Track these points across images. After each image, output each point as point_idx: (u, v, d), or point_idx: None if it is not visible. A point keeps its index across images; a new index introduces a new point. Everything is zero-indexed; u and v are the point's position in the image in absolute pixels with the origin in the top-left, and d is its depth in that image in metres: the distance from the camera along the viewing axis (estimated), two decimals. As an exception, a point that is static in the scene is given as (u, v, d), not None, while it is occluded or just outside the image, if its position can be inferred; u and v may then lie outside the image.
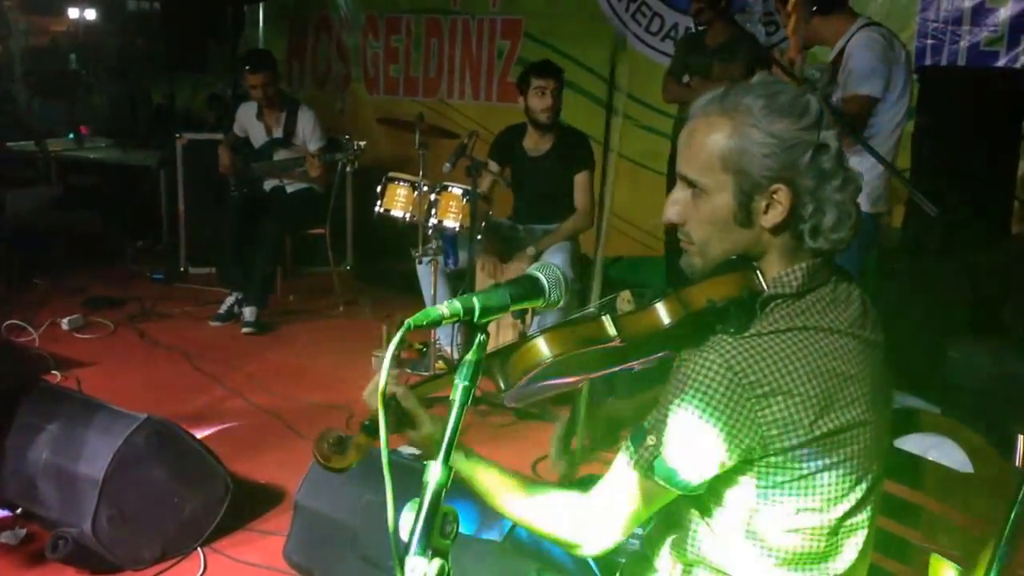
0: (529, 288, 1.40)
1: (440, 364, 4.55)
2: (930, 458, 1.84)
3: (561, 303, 1.42)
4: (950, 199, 3.60)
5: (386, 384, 1.28)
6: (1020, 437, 3.08)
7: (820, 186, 1.46)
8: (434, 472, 1.23)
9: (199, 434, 3.52)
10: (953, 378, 3.62)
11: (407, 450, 2.77)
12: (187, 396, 4.41)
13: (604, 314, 1.51)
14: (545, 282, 1.41)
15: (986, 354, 3.54)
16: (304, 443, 3.91)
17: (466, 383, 1.30)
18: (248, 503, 3.30)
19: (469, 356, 1.31)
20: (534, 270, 1.42)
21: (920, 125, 4.40)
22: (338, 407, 4.30)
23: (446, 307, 1.32)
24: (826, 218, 1.47)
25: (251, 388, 4.54)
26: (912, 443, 1.79)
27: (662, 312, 1.50)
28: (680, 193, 1.55)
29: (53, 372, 4.58)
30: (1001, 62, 4.83)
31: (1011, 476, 1.65)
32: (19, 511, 3.11)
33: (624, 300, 1.56)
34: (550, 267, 1.43)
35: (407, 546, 1.19)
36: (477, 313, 1.33)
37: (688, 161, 1.52)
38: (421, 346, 4.88)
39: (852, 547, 1.56)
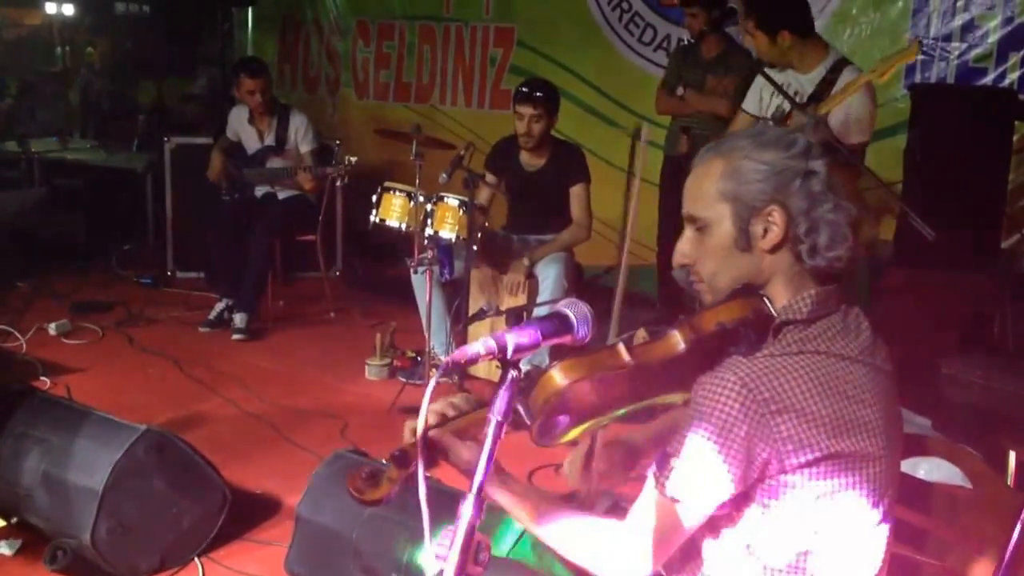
0: (558, 325, 1.45)
1: (433, 373, 4.56)
2: (920, 474, 1.88)
3: (588, 339, 1.45)
4: (941, 214, 3.64)
5: (425, 420, 1.36)
6: (1012, 453, 3.13)
7: (813, 208, 1.55)
8: (468, 504, 1.27)
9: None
10: (945, 393, 3.66)
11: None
12: (178, 403, 4.39)
13: (618, 342, 1.56)
14: (574, 319, 1.46)
15: (978, 370, 3.58)
16: (298, 452, 3.91)
17: (498, 418, 1.34)
18: (244, 513, 3.29)
19: (501, 391, 1.35)
20: (563, 307, 1.47)
21: (912, 141, 4.44)
22: (331, 416, 4.31)
23: (481, 345, 1.35)
24: (821, 237, 1.55)
25: (243, 395, 4.53)
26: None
27: (674, 338, 1.55)
28: (686, 235, 1.66)
29: (42, 378, 4.55)
30: (989, 78, 4.89)
31: (1012, 498, 1.69)
32: (14, 521, 3.09)
33: (639, 337, 1.60)
34: (578, 304, 1.47)
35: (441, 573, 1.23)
36: (510, 350, 1.37)
37: (691, 201, 1.64)
38: (415, 354, 4.89)
39: (868, 571, 1.59)
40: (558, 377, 1.48)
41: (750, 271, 1.60)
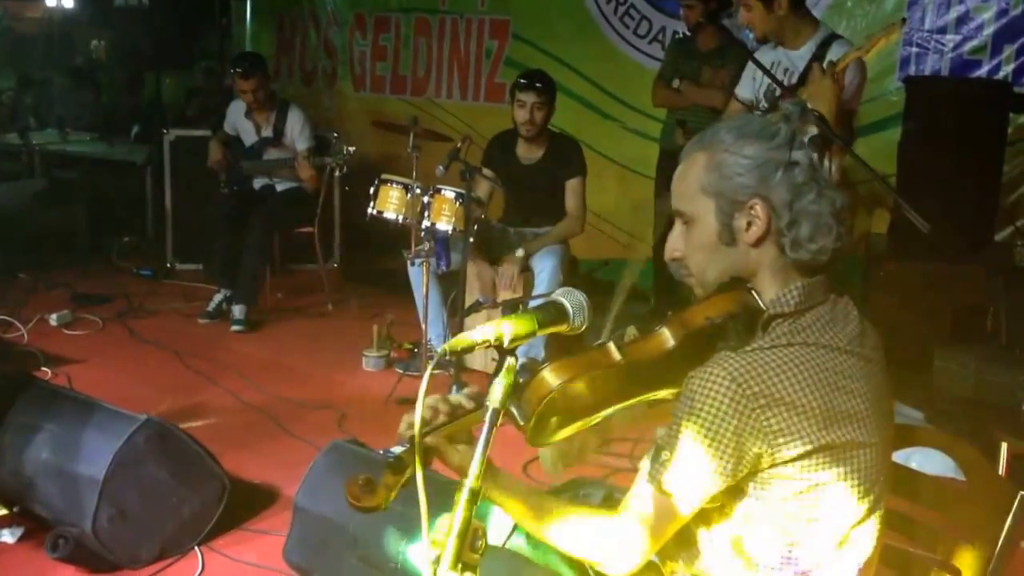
0: (555, 313, 1.47)
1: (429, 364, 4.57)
2: (913, 465, 1.89)
3: (585, 327, 1.47)
4: (935, 207, 3.66)
5: (421, 423, 1.38)
6: (1004, 444, 3.15)
7: (795, 199, 1.55)
8: (466, 490, 1.29)
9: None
10: (938, 385, 3.69)
11: (396, 449, 2.80)
12: (177, 394, 4.41)
13: (608, 341, 1.57)
14: (569, 308, 1.47)
15: (970, 362, 3.60)
16: (296, 442, 3.93)
17: (496, 405, 1.35)
18: (243, 502, 3.31)
19: (499, 379, 1.36)
20: (559, 296, 1.48)
21: (906, 133, 4.48)
22: (329, 406, 4.33)
23: (478, 334, 1.37)
24: (803, 230, 1.55)
25: (241, 386, 4.55)
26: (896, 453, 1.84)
27: (663, 335, 1.56)
28: (676, 229, 1.67)
29: (43, 368, 4.59)
30: (984, 70, 4.90)
31: (1005, 489, 1.71)
32: (16, 509, 3.11)
33: (630, 334, 1.62)
34: (574, 293, 1.48)
35: (438, 560, 1.24)
36: (507, 338, 1.38)
37: (677, 196, 1.65)
38: (411, 346, 4.91)
39: (856, 562, 1.60)
40: (550, 378, 1.49)
41: (736, 265, 1.60)
